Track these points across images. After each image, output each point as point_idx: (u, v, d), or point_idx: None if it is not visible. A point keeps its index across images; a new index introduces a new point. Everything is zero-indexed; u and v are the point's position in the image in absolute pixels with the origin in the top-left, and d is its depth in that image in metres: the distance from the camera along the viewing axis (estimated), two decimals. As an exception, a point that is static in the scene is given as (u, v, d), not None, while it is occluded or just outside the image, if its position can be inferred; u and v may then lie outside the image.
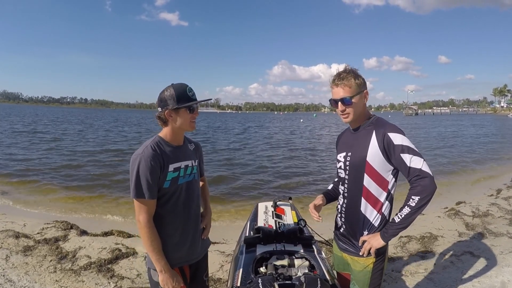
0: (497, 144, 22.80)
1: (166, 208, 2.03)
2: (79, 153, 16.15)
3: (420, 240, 5.14)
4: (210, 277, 4.05)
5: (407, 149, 1.89)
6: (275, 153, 18.64)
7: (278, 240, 2.64)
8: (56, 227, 5.61)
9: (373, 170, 1.99)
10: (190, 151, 2.22)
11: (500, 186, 9.35)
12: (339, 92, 2.01)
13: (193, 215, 2.18)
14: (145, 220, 1.93)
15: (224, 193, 9.51)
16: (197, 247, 2.23)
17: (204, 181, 2.55)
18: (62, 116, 69.35)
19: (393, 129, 1.96)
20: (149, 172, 1.89)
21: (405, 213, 1.89)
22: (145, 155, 1.91)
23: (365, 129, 2.07)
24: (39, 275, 4.03)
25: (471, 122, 57.00)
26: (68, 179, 10.61)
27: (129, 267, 4.28)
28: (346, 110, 2.02)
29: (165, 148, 2.03)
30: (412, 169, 1.87)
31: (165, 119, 2.02)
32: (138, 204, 1.93)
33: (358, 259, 2.13)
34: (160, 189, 1.98)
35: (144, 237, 1.94)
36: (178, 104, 1.96)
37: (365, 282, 2.12)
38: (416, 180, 1.87)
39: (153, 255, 1.95)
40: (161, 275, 1.98)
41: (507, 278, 3.85)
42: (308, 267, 2.29)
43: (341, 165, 2.19)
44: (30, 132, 25.96)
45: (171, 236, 2.06)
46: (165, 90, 2.00)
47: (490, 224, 5.82)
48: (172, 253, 2.06)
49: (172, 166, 2.01)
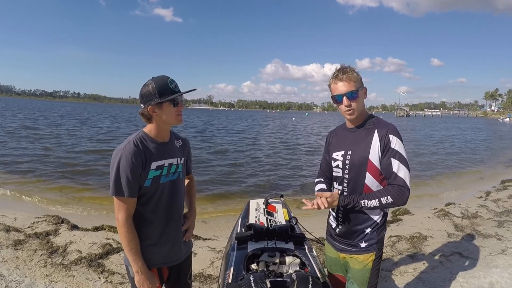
0: (489, 147, 23.08)
1: (146, 207, 1.95)
2: (72, 147, 16.03)
3: (409, 240, 5.18)
4: (201, 274, 4.06)
5: (399, 156, 1.94)
6: (268, 151, 18.63)
7: (270, 237, 2.65)
8: (47, 221, 5.57)
9: (374, 168, 2.01)
10: (176, 148, 2.11)
11: (489, 188, 9.45)
12: (344, 87, 1.99)
13: (175, 216, 2.09)
14: (124, 219, 1.85)
15: (215, 190, 9.49)
16: (178, 249, 2.15)
17: (192, 179, 2.46)
18: (56, 109, 68.67)
19: (394, 131, 1.99)
20: (130, 169, 1.80)
21: (372, 205, 1.96)
22: (126, 151, 1.82)
23: (366, 128, 2.07)
24: (29, 269, 4.01)
25: (464, 125, 57.51)
26: (60, 173, 10.53)
27: (119, 262, 4.26)
28: (352, 105, 2.00)
29: (149, 144, 1.93)
30: (397, 177, 1.93)
31: (149, 116, 1.91)
32: (117, 202, 1.85)
33: (358, 257, 2.15)
34: (140, 187, 1.90)
35: (122, 237, 1.87)
36: (160, 98, 1.85)
37: (364, 281, 2.14)
38: (395, 186, 1.93)
39: (130, 256, 1.89)
40: (137, 276, 1.92)
41: (495, 279, 3.91)
42: (299, 264, 2.30)
43: (339, 164, 2.17)
44: (21, 126, 25.65)
45: (150, 236, 1.98)
46: (145, 85, 1.89)
47: (479, 225, 5.89)
48: (150, 254, 1.99)
49: (154, 164, 1.92)
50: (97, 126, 30.31)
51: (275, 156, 16.41)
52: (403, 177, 1.92)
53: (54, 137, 19.97)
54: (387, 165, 1.95)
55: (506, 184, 9.77)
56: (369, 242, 2.12)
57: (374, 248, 2.12)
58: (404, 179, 1.92)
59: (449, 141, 27.32)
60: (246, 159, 15.23)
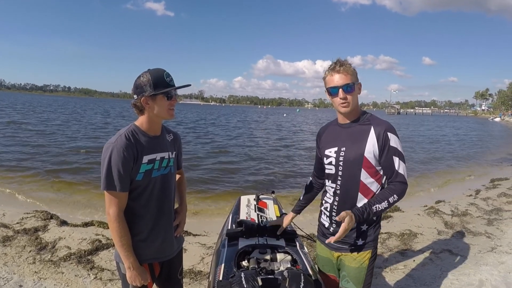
0: (479, 145, 23.34)
1: (138, 202, 1.93)
2: (62, 142, 15.87)
3: (399, 237, 5.21)
4: (191, 270, 4.03)
5: (398, 153, 1.96)
6: (259, 147, 18.63)
7: (261, 234, 2.63)
8: (36, 217, 5.50)
9: (370, 165, 2.00)
10: (167, 142, 2.10)
11: (479, 187, 9.54)
12: (341, 79, 1.97)
13: (166, 211, 2.07)
14: (115, 214, 1.82)
15: (206, 185, 9.45)
16: (169, 244, 2.13)
17: (182, 174, 2.44)
18: (46, 104, 67.87)
19: (391, 129, 1.99)
20: (121, 163, 1.79)
21: (383, 207, 1.93)
22: (118, 145, 1.80)
23: (361, 124, 2.05)
24: (18, 266, 3.95)
25: (455, 124, 58.04)
26: (49, 168, 10.40)
27: (109, 258, 4.22)
28: (347, 98, 1.98)
29: (140, 137, 1.91)
30: (399, 174, 1.95)
31: (142, 107, 1.89)
32: (109, 196, 1.83)
33: (354, 255, 2.12)
34: (132, 181, 1.88)
35: (113, 232, 1.85)
36: (155, 90, 1.84)
37: (360, 279, 2.12)
38: (397, 183, 1.95)
39: (122, 251, 1.87)
40: (129, 271, 1.90)
41: (485, 277, 3.95)
42: (291, 261, 2.29)
43: (332, 160, 2.13)
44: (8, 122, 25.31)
45: (141, 231, 1.96)
46: (141, 76, 1.87)
47: (469, 223, 5.94)
48: (142, 249, 1.97)
49: (146, 158, 1.90)
50: (88, 122, 29.98)
51: (266, 152, 16.39)
52: (402, 173, 1.96)
53: (43, 131, 19.75)
54: (389, 164, 1.96)
55: (495, 183, 9.86)
56: (366, 240, 2.10)
57: (371, 245, 2.11)
58: (404, 175, 1.96)
59: (439, 139, 27.57)
60: (237, 155, 15.19)
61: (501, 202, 7.38)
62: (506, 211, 6.68)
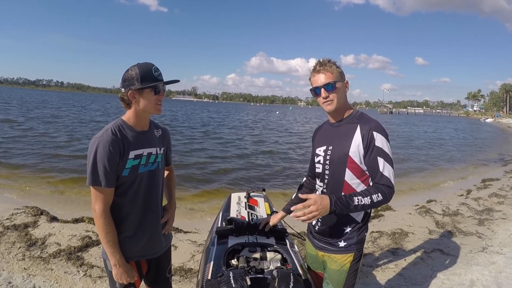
0: (470, 145, 23.50)
1: (124, 198, 1.91)
2: (52, 138, 15.73)
3: (391, 236, 5.23)
4: (181, 267, 4.02)
5: (384, 154, 1.89)
6: (250, 144, 18.60)
7: (251, 232, 2.61)
8: (26, 213, 5.44)
9: (355, 164, 1.96)
10: (155, 138, 2.07)
11: (470, 187, 9.59)
12: (321, 78, 1.96)
13: (154, 207, 2.04)
14: (101, 210, 1.81)
15: (196, 182, 9.42)
16: (156, 241, 2.11)
17: (171, 170, 2.42)
18: (39, 99, 67.28)
19: (378, 128, 1.93)
20: (107, 158, 1.77)
21: (365, 203, 1.79)
22: (104, 140, 1.78)
23: (348, 123, 2.02)
24: (7, 262, 3.91)
25: (447, 124, 58.39)
26: (39, 164, 10.30)
27: (99, 255, 4.18)
28: (330, 96, 1.96)
29: (127, 132, 1.89)
30: (384, 176, 1.87)
31: (129, 101, 1.87)
32: (94, 192, 1.81)
33: (335, 257, 2.09)
34: (118, 177, 1.85)
35: (99, 228, 1.83)
36: (142, 84, 1.81)
37: (340, 282, 2.08)
38: (382, 186, 1.86)
39: (108, 248, 1.85)
40: (115, 269, 1.88)
41: (476, 277, 3.97)
42: (281, 260, 2.27)
43: (320, 159, 2.12)
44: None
45: (128, 228, 1.94)
46: (129, 70, 1.85)
47: (460, 223, 5.98)
48: (128, 246, 1.95)
49: (133, 153, 1.88)
50: (79, 118, 29.75)
51: (258, 150, 16.34)
52: (388, 176, 1.87)
53: (32, 127, 19.53)
54: (372, 164, 1.90)
55: (486, 183, 9.92)
56: (348, 242, 2.06)
57: (353, 248, 2.06)
58: (389, 178, 1.87)
59: (431, 139, 27.73)
60: (229, 152, 15.16)
61: (492, 202, 7.43)
62: (497, 211, 6.73)
